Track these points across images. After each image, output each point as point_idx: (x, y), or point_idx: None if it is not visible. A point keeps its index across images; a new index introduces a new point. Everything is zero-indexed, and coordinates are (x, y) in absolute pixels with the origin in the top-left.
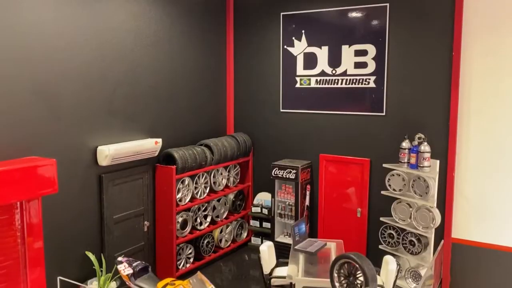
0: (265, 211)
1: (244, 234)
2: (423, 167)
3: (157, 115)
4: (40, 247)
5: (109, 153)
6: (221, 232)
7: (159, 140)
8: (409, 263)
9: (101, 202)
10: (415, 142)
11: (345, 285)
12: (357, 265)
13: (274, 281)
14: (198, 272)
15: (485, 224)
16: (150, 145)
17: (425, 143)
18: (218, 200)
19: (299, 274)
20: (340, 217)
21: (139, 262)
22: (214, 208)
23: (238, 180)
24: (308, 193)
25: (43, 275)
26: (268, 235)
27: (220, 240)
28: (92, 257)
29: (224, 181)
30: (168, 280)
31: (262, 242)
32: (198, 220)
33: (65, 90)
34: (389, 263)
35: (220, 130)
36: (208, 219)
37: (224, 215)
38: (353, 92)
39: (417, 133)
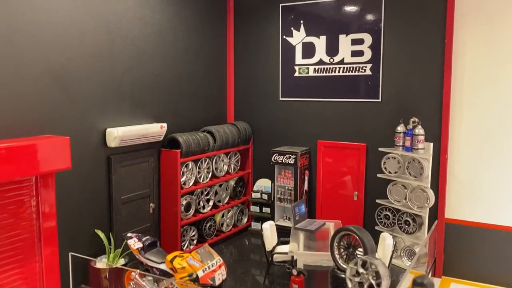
0: (265, 196)
1: (245, 220)
2: (417, 149)
3: (162, 101)
4: (54, 223)
5: (117, 134)
6: (222, 216)
7: (164, 125)
8: (404, 243)
9: (110, 183)
10: (410, 126)
11: (344, 256)
12: (356, 237)
13: (276, 257)
14: (206, 244)
15: (477, 204)
16: (156, 129)
17: (419, 127)
18: (220, 186)
19: (300, 250)
20: (338, 201)
21: (148, 237)
22: (216, 193)
23: (238, 167)
24: (306, 178)
25: (56, 251)
26: (268, 220)
27: (222, 224)
28: (101, 234)
29: (225, 167)
30: (176, 253)
31: (261, 228)
32: (201, 204)
33: (76, 74)
34: (386, 239)
35: (221, 118)
36: (211, 203)
37: (226, 200)
38: (350, 80)
39: (412, 117)
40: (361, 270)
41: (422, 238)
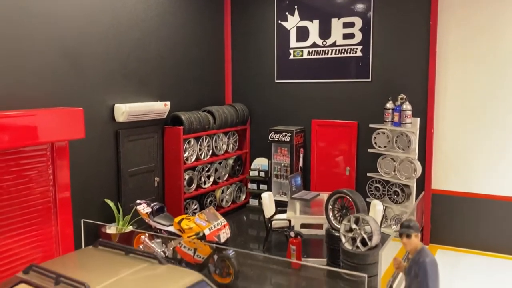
0: (262, 174)
1: (243, 197)
2: (405, 123)
3: (164, 81)
4: (68, 190)
5: (125, 109)
6: (222, 192)
7: (168, 103)
8: (393, 212)
9: (118, 156)
10: (398, 102)
11: (338, 217)
12: (349, 199)
13: (274, 224)
14: (211, 207)
15: (461, 175)
16: (160, 107)
17: (407, 102)
18: (220, 163)
19: (297, 214)
20: (331, 176)
21: (156, 203)
22: (216, 170)
23: (236, 147)
24: (301, 155)
25: (70, 216)
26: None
27: (222, 200)
28: (111, 203)
29: (224, 147)
30: (183, 216)
31: (259, 204)
32: (202, 179)
33: (87, 52)
34: (376, 205)
35: (220, 100)
36: (211, 179)
37: (225, 177)
38: (342, 61)
39: (400, 94)
40: (354, 226)
41: (410, 207)
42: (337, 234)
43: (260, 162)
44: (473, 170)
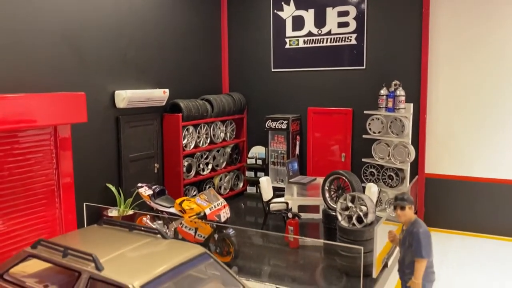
0: (259, 162)
1: (240, 185)
2: (399, 109)
3: (163, 70)
4: (70, 172)
5: (126, 96)
6: (220, 180)
7: (167, 91)
8: (388, 196)
9: (119, 141)
10: (392, 89)
11: (335, 198)
12: (346, 180)
13: (272, 207)
14: (211, 188)
15: (454, 159)
16: (159, 94)
17: (400, 88)
18: (218, 151)
19: (294, 196)
20: (327, 163)
21: (157, 185)
22: (214, 157)
23: (234, 136)
24: (298, 143)
25: (73, 202)
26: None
27: (220, 187)
28: (112, 188)
29: (222, 135)
30: (184, 198)
31: (257, 191)
32: (201, 166)
33: (87, 39)
34: (371, 187)
35: (217, 89)
36: (209, 166)
37: (223, 165)
38: (337, 49)
39: (394, 81)
40: (350, 204)
41: (404, 191)
42: (334, 213)
43: (257, 150)
44: (465, 154)
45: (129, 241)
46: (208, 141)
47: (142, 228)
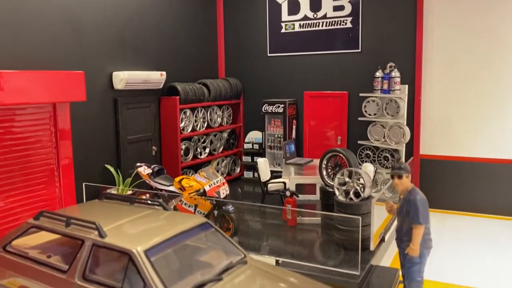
0: (256, 146)
1: (237, 170)
2: (394, 90)
3: (160, 52)
4: (69, 151)
5: (123, 77)
6: (217, 164)
7: (164, 73)
8: (383, 177)
9: (117, 123)
10: (387, 71)
11: (332, 175)
12: (342, 157)
13: (270, 187)
14: (210, 166)
15: (448, 140)
16: (157, 76)
17: (396, 70)
18: (215, 135)
19: (291, 175)
20: (323, 146)
21: (156, 165)
22: (211, 142)
23: (231, 121)
24: (294, 127)
25: (72, 181)
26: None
27: (217, 171)
28: (111, 168)
29: (219, 120)
30: (183, 176)
31: (254, 176)
32: (198, 150)
33: (86, 21)
34: (368, 166)
35: (213, 74)
36: (207, 150)
37: (220, 150)
38: (332, 33)
39: (389, 63)
40: (347, 179)
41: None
42: (331, 190)
43: (254, 135)
44: (459, 134)
45: (131, 213)
46: (205, 125)
47: (143, 201)
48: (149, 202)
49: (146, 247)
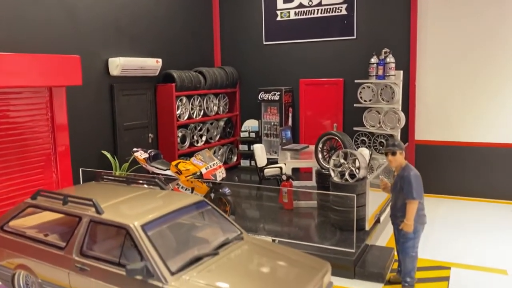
0: (252, 135)
1: (234, 158)
2: (389, 75)
3: (156, 40)
4: (66, 135)
5: (119, 63)
6: (214, 153)
7: (160, 60)
8: (379, 162)
9: (113, 109)
10: (382, 56)
11: (327, 159)
12: (338, 139)
13: (266, 172)
14: (206, 149)
15: (442, 125)
16: (152, 63)
17: (390, 55)
18: (211, 124)
19: (287, 160)
20: (319, 134)
21: (152, 149)
22: (208, 130)
23: (227, 110)
24: (290, 115)
25: (69, 166)
26: (255, 162)
27: None
28: (108, 154)
29: (215, 108)
30: (179, 160)
31: (250, 164)
32: (195, 138)
33: (82, 5)
34: (363, 150)
35: (209, 63)
36: (203, 138)
37: (217, 138)
38: (328, 20)
39: (384, 49)
40: (342, 161)
41: None
42: (327, 172)
43: (251, 124)
44: (454, 120)
45: (128, 192)
46: (202, 113)
47: (140, 181)
48: (146, 182)
49: (143, 222)
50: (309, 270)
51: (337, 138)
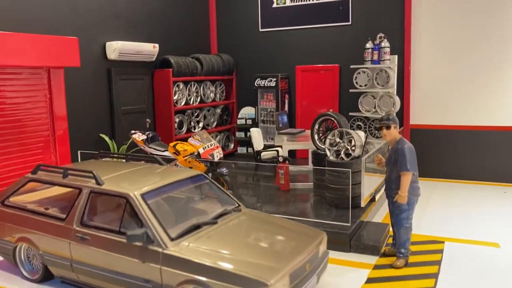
0: (249, 121)
1: (231, 146)
2: (384, 60)
3: (153, 26)
4: (64, 117)
5: (117, 46)
6: None
7: (157, 45)
8: (374, 147)
9: (111, 92)
10: (377, 41)
11: (323, 140)
12: (334, 120)
13: (263, 155)
14: (203, 130)
15: (437, 109)
16: (149, 48)
17: (385, 40)
18: (208, 110)
19: (284, 142)
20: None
21: (150, 131)
22: (204, 116)
23: (224, 97)
24: (286, 101)
25: (67, 147)
26: (252, 146)
27: None
28: (106, 137)
29: (212, 95)
30: (177, 141)
31: (247, 151)
32: (192, 124)
33: None
34: (359, 132)
35: (205, 51)
36: (200, 124)
37: (214, 125)
38: (323, 6)
39: (379, 34)
40: (338, 140)
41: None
42: (323, 152)
43: (247, 111)
44: (448, 103)
45: (127, 167)
46: (198, 100)
47: (139, 157)
48: (145, 158)
49: (143, 191)
50: (305, 238)
51: (333, 119)
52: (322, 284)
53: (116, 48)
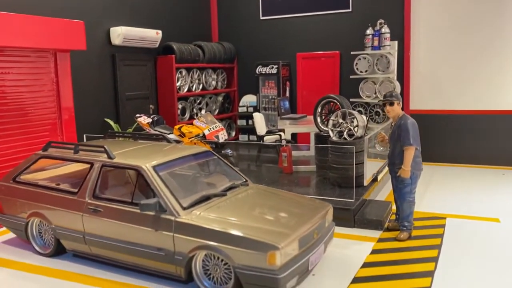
0: (250, 109)
1: (233, 134)
2: (384, 46)
3: (156, 12)
4: (70, 100)
5: (121, 32)
6: None
7: (160, 32)
8: (375, 132)
9: (115, 78)
10: (377, 27)
11: (326, 122)
12: (336, 102)
13: (266, 139)
14: (208, 112)
15: (436, 94)
16: (153, 34)
17: (385, 26)
18: (210, 98)
19: (287, 125)
20: None
21: (155, 115)
22: (207, 104)
23: (225, 85)
24: (288, 89)
25: (74, 130)
26: (254, 131)
27: None
28: (111, 122)
29: (214, 83)
30: (182, 124)
31: (249, 139)
32: (195, 111)
33: None
34: (361, 115)
35: (207, 39)
36: (203, 111)
37: (215, 112)
38: None
39: (379, 20)
40: (341, 120)
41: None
42: (325, 134)
43: (249, 99)
44: (447, 88)
45: (136, 144)
46: (201, 87)
47: (147, 136)
48: (153, 137)
49: (155, 163)
50: (312, 208)
51: (335, 101)
52: (328, 255)
53: (120, 34)
